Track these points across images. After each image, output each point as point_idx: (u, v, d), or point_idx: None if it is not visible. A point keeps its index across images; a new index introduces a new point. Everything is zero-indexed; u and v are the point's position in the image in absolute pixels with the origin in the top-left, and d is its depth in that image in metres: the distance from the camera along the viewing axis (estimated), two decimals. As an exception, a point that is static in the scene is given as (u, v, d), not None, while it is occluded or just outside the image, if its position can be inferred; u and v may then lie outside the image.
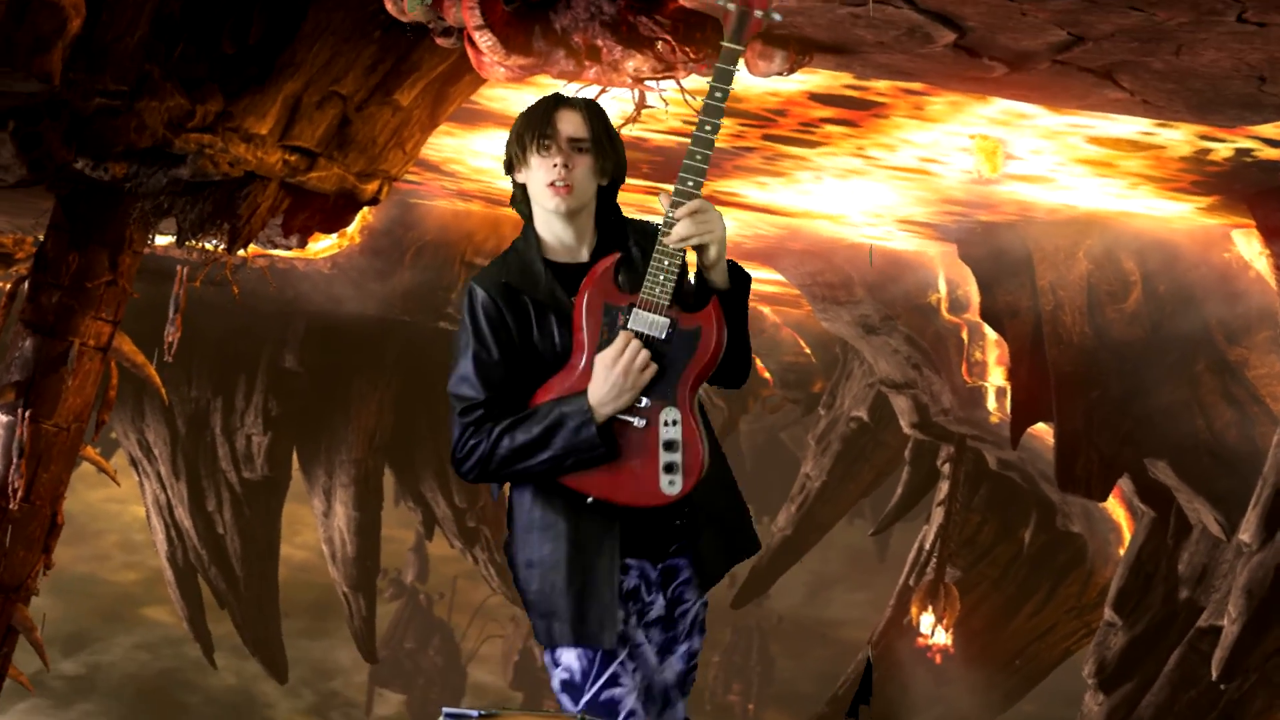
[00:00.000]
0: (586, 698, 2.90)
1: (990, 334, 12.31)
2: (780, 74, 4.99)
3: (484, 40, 4.69)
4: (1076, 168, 7.55)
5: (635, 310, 2.80)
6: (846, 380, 17.85)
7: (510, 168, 2.94)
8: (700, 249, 2.82)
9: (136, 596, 26.93)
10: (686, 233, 2.78)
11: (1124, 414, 9.81)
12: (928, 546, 15.02)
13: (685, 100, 5.23)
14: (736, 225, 12.08)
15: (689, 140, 2.86)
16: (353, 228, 13.81)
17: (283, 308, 15.96)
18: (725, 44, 2.84)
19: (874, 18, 4.45)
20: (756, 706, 24.96)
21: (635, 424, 2.82)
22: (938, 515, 14.93)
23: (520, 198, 2.96)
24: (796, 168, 8.80)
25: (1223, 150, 6.58)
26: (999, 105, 6.34)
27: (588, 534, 2.89)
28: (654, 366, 2.79)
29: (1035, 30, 4.30)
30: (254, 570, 18.29)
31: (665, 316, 2.80)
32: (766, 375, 20.57)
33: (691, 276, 2.94)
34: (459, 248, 14.62)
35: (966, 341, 12.99)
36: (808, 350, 19.93)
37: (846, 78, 6.12)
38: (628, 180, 3.04)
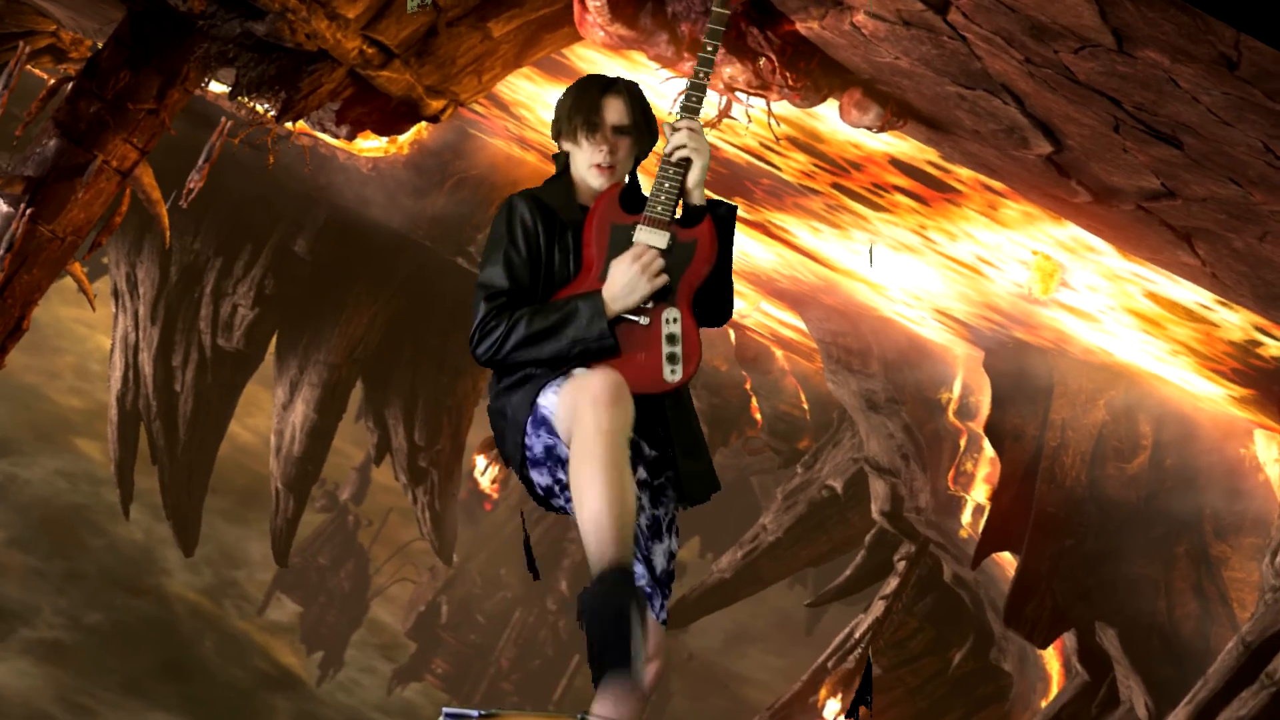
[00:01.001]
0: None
1: (988, 450, 12.30)
2: (870, 129, 5.00)
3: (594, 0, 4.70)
4: (1126, 317, 7.55)
5: (640, 226, 3.24)
6: (833, 447, 17.83)
7: (557, 135, 3.38)
8: (688, 163, 3.26)
9: (74, 424, 26.94)
10: (682, 140, 3.23)
11: (1090, 571, 9.80)
12: (857, 635, 15.01)
13: (769, 125, 5.23)
14: (777, 262, 12.08)
15: (693, 73, 3.30)
16: (405, 138, 13.80)
17: (310, 192, 15.95)
18: (714, 7, 3.26)
19: (978, 106, 4.45)
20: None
21: (640, 322, 3.22)
22: (877, 608, 14.92)
23: (562, 162, 3.40)
24: (854, 224, 8.80)
25: (1274, 348, 6.58)
26: (1071, 231, 6.34)
27: None
28: (665, 275, 3.21)
29: (1131, 170, 4.30)
30: (196, 437, 18.27)
31: (666, 230, 3.23)
32: (757, 416, 20.55)
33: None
34: (501, 191, 14.61)
35: (962, 449, 12.98)
36: (805, 405, 19.91)
37: (932, 154, 6.12)
38: None
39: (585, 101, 3.31)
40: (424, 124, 7.69)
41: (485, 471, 22.02)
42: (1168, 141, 3.84)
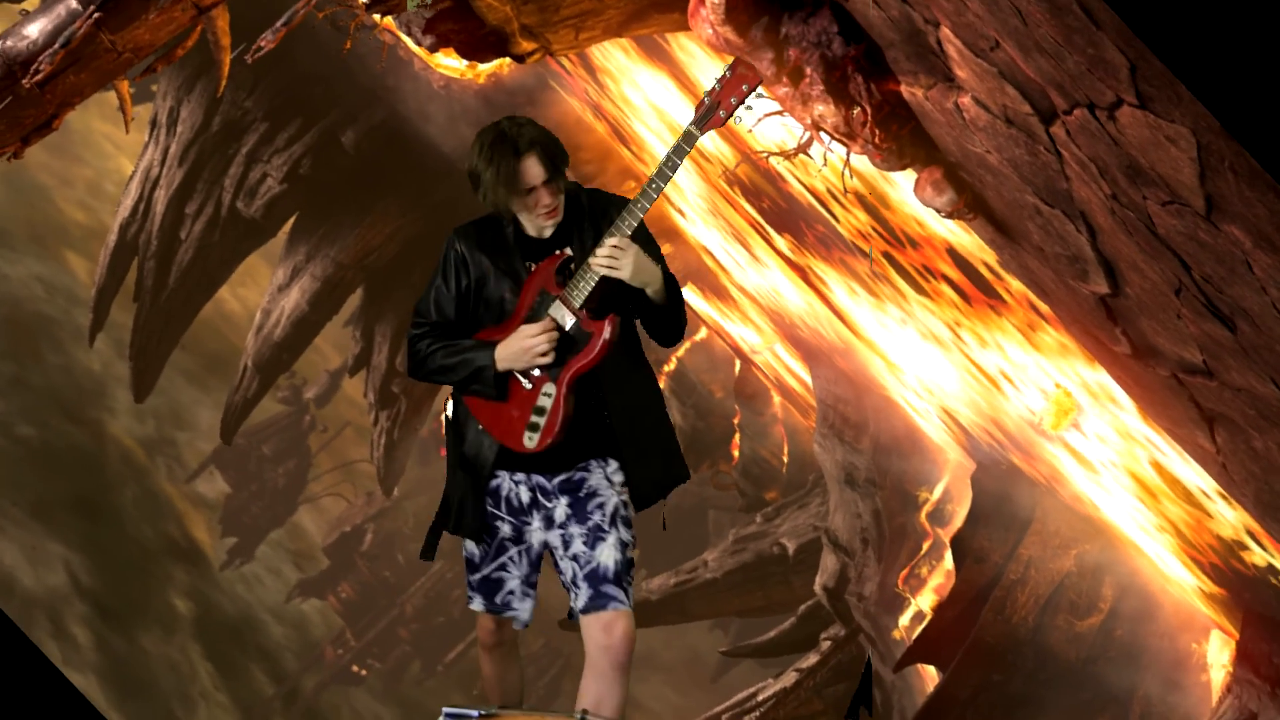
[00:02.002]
0: (481, 574, 4.03)
1: (947, 561, 12.30)
2: (939, 211, 5.00)
3: (713, -5, 4.70)
4: (1125, 478, 7.55)
5: (556, 302, 3.80)
6: (799, 508, 17.84)
7: (486, 201, 3.80)
8: (617, 278, 3.73)
9: (70, 236, 26.95)
10: (603, 262, 3.73)
11: (1008, 713, 9.80)
12: (760, 698, 15.01)
13: (842, 174, 5.23)
14: (805, 310, 12.08)
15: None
16: (485, 68, 13.80)
17: (376, 89, 15.96)
18: (688, 127, 3.73)
19: (1051, 225, 4.46)
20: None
21: (525, 385, 3.84)
22: (789, 678, 14.91)
23: (492, 204, 3.82)
24: (892, 299, 8.80)
25: (1258, 557, 6.58)
26: (1100, 376, 6.34)
27: (473, 454, 3.96)
28: (551, 356, 3.77)
29: (1177, 337, 4.30)
30: (185, 288, 18.27)
31: (574, 315, 3.78)
32: (736, 453, 20.55)
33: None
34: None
35: (923, 552, 12.98)
36: (785, 458, 19.91)
37: (990, 257, 6.12)
38: (734, 202, 3.49)
39: (505, 173, 3.72)
40: (508, 60, 7.70)
41: (453, 417, 21.95)
42: (1223, 321, 3.84)
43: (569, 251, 3.86)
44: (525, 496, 3.96)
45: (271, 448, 26.04)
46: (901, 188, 6.21)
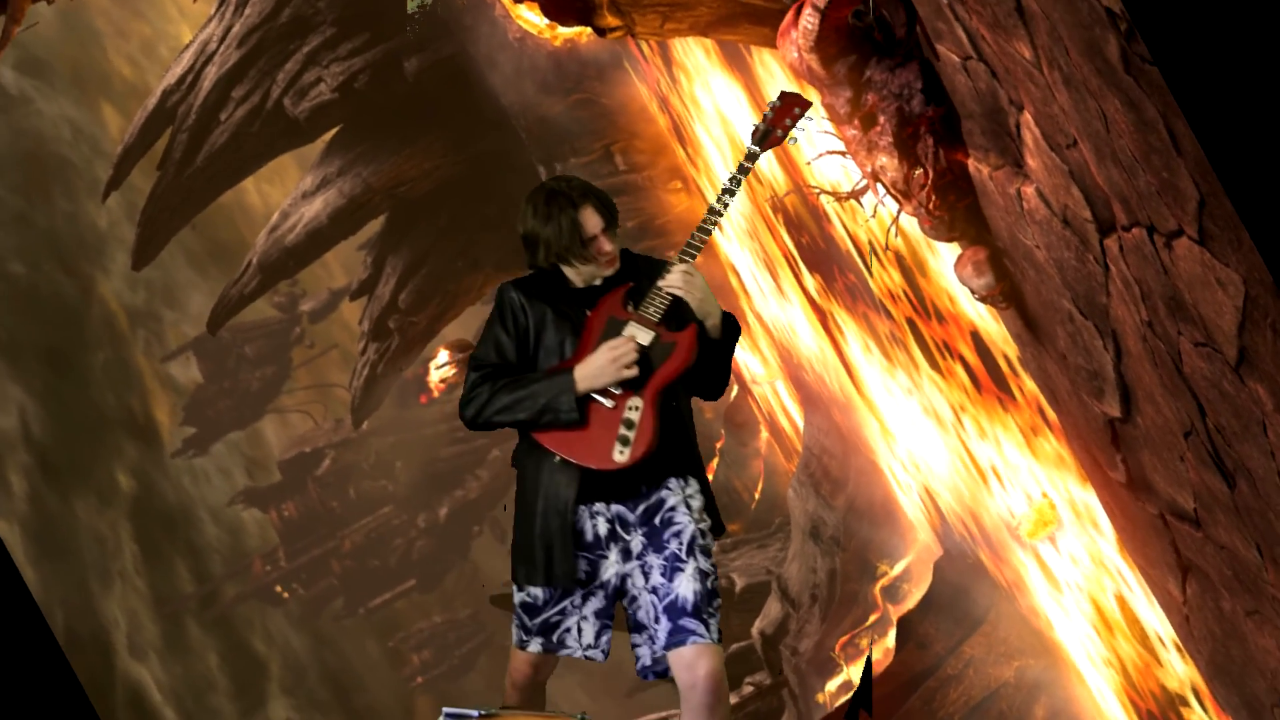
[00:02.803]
0: (542, 617, 4.05)
1: (889, 639, 12.30)
2: (973, 292, 5.00)
3: (808, 19, 4.70)
4: (1086, 604, 7.54)
5: (632, 322, 3.84)
6: (757, 548, 17.83)
7: (544, 260, 3.89)
8: (685, 300, 3.84)
9: (112, 88, 26.94)
10: (675, 283, 3.85)
11: (909, 804, 9.80)
12: (669, 724, 15.00)
13: (888, 230, 5.24)
14: (815, 355, 12.08)
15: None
16: (564, 32, 13.81)
17: (451, 25, 15.96)
18: (749, 147, 3.98)
19: (1080, 336, 4.46)
20: (425, 681, 25.05)
21: (605, 404, 3.79)
22: (702, 713, 14.88)
23: (554, 261, 3.89)
24: (904, 367, 8.80)
25: (1197, 717, 6.58)
26: (1089, 497, 6.34)
27: (552, 494, 3.86)
28: (636, 370, 3.77)
29: (1175, 479, 4.30)
30: (210, 170, 18.26)
31: (653, 331, 3.83)
32: (710, 476, 20.53)
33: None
34: (616, 135, 14.59)
35: (868, 624, 12.98)
36: (757, 496, 19.89)
37: (1012, 352, 6.12)
38: (774, 229, 3.52)
39: (566, 226, 3.84)
40: (589, 30, 7.70)
41: (441, 368, 22.01)
42: (1224, 475, 3.84)
43: (631, 284, 3.93)
44: (603, 529, 3.92)
45: (254, 350, 26.03)
46: (943, 259, 6.21)
